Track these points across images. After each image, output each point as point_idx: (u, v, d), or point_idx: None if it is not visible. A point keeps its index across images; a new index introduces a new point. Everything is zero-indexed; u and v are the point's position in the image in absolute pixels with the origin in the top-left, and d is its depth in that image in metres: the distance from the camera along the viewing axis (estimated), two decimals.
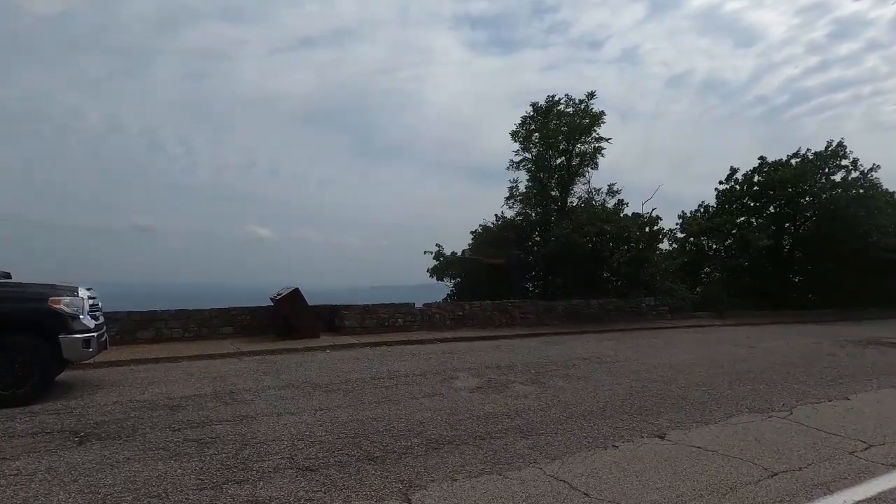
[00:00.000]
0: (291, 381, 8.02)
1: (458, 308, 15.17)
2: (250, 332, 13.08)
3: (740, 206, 25.63)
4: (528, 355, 10.74)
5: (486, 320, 15.53)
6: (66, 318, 6.88)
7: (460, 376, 8.44)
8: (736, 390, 7.41)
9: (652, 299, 19.18)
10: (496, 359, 10.25)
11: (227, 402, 6.76)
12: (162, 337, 12.07)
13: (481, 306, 15.53)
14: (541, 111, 19.06)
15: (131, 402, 6.79)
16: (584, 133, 18.85)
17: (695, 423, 5.72)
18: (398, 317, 14.15)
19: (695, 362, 9.85)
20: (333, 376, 8.44)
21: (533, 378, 8.28)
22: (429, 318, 14.62)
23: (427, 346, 12.26)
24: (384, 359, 10.28)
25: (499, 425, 5.63)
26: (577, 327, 16.01)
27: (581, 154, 19.39)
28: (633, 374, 8.59)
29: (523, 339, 13.72)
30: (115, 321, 11.66)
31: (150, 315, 12.08)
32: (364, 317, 13.66)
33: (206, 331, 12.58)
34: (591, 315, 17.58)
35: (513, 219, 20.40)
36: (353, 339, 12.48)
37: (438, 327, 14.69)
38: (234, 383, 7.89)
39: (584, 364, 9.63)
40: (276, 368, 9.19)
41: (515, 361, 9.92)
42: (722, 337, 14.48)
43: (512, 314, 15.98)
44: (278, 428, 5.55)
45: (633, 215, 18.01)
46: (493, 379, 8.22)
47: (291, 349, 11.18)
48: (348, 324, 13.43)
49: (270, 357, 10.46)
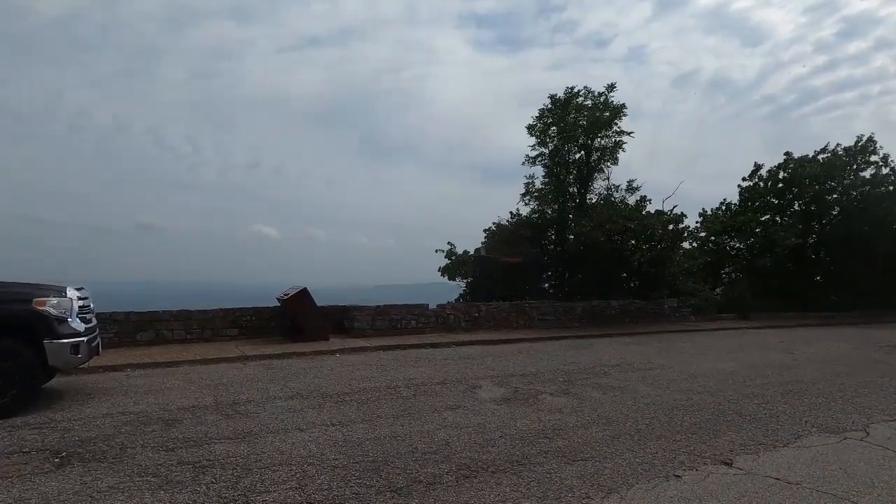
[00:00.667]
0: (300, 390, 7.37)
1: (474, 309, 14.49)
2: (256, 333, 12.47)
3: (763, 204, 24.77)
4: (553, 361, 10.05)
5: (503, 322, 14.84)
6: (53, 322, 6.27)
7: (483, 385, 7.76)
8: (793, 404, 6.68)
9: (675, 300, 18.43)
10: (519, 365, 9.56)
11: (229, 414, 6.12)
12: (163, 339, 11.48)
13: (498, 307, 14.85)
14: (559, 103, 18.32)
15: (123, 414, 6.16)
16: (604, 126, 18.10)
17: (761, 446, 5.01)
18: (411, 318, 13.49)
19: (736, 371, 9.11)
20: (345, 385, 7.79)
21: (563, 388, 7.59)
22: (443, 319, 13.95)
23: (443, 349, 11.58)
24: (398, 364, 9.62)
25: (536, 447, 4.95)
26: (599, 329, 15.28)
27: (601, 149, 18.65)
28: (674, 385, 7.88)
29: (544, 342, 13.02)
30: (114, 322, 11.09)
31: (151, 316, 11.49)
32: (375, 318, 13.01)
33: (209, 332, 11.97)
34: (612, 316, 16.86)
35: (529, 216, 19.68)
36: (364, 342, 11.84)
37: (453, 329, 14.02)
38: (238, 392, 7.26)
39: (616, 372, 8.92)
40: (282, 375, 8.55)
41: (540, 368, 9.22)
42: (753, 341, 13.70)
43: (530, 315, 15.28)
44: (285, 448, 4.90)
45: (655, 213, 17.26)
46: (520, 389, 7.53)
47: (299, 353, 10.55)
48: (358, 325, 12.79)
49: (277, 362, 9.83)
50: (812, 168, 22.64)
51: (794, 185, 23.52)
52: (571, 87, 18.28)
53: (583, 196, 18.99)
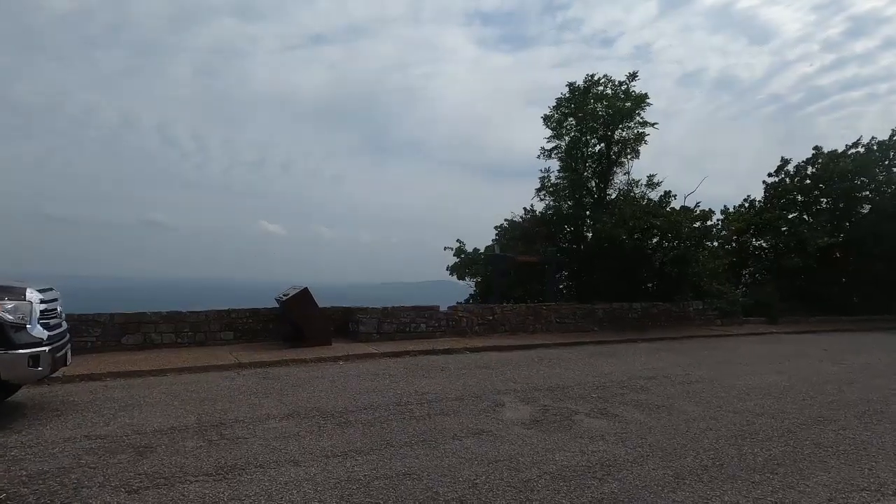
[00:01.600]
0: (297, 407, 6.47)
1: (488, 312, 13.55)
2: (253, 337, 11.59)
3: (788, 201, 23.68)
4: (580, 372, 9.11)
5: (519, 325, 13.90)
6: (7, 329, 5.39)
7: (507, 403, 6.84)
8: (876, 431, 5.73)
9: (700, 303, 17.43)
10: (543, 376, 8.63)
11: (213, 440, 5.23)
12: (150, 343, 10.62)
13: (513, 310, 13.91)
14: (578, 92, 17.31)
15: (89, 438, 5.27)
16: (625, 117, 17.11)
17: (865, 493, 4.06)
18: (420, 321, 12.57)
19: (791, 386, 8.14)
20: (349, 400, 6.88)
21: (600, 407, 6.65)
22: (455, 322, 13.02)
23: (456, 356, 10.67)
24: (408, 374, 8.71)
25: (587, 492, 4.02)
26: (621, 334, 14.32)
27: (621, 141, 17.64)
28: (724, 403, 6.92)
29: (565, 348, 12.08)
30: (96, 324, 10.24)
31: (137, 317, 10.62)
32: (382, 321, 12.09)
33: (201, 336, 11.10)
34: (634, 320, 15.89)
35: (544, 212, 18.71)
36: (370, 348, 10.93)
37: (466, 333, 13.09)
38: (226, 410, 6.36)
39: (653, 386, 7.97)
40: (279, 387, 7.65)
41: (568, 381, 8.29)
42: (793, 349, 12.71)
43: (547, 318, 14.33)
44: (275, 491, 4.00)
45: (681, 209, 16.28)
46: (550, 407, 6.60)
47: (299, 360, 9.66)
48: (364, 329, 11.88)
49: (274, 370, 8.94)
50: (843, 163, 21.54)
51: (822, 180, 22.43)
52: (591, 75, 17.30)
53: (602, 191, 18.00)
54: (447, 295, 66.67)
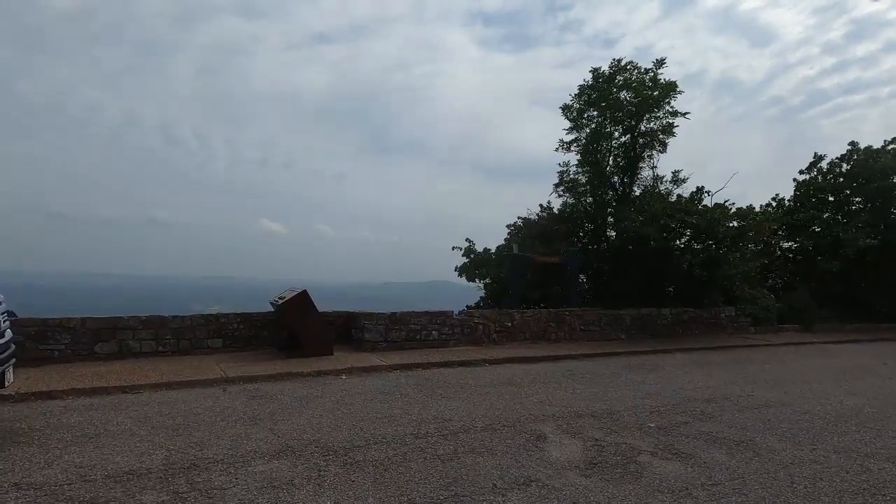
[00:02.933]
0: (291, 441, 5.28)
1: (506, 318, 12.35)
2: (244, 345, 10.40)
3: (820, 200, 22.41)
4: (622, 391, 7.91)
5: (540, 333, 12.70)
6: None
7: (549, 435, 5.64)
8: None
9: (732, 308, 16.23)
10: (582, 398, 7.43)
11: (179, 492, 4.04)
12: (128, 352, 9.44)
13: (534, 316, 12.70)
14: (602, 78, 16.06)
15: (18, 487, 4.10)
16: (653, 106, 15.89)
17: None
18: (432, 328, 11.37)
19: (879, 412, 6.94)
20: (356, 429, 5.69)
21: (665, 442, 5.45)
22: (470, 329, 11.82)
23: (474, 370, 9.47)
24: (423, 393, 7.52)
25: None
26: (653, 343, 13.11)
27: (647, 133, 16.41)
28: (817, 438, 5.72)
29: (595, 360, 10.87)
30: (65, 330, 9.07)
31: (112, 322, 9.44)
32: (390, 328, 10.89)
33: (185, 344, 9.91)
34: (663, 327, 14.69)
35: (563, 209, 17.48)
36: (377, 359, 9.73)
37: (482, 342, 11.90)
38: (204, 443, 5.17)
39: (717, 411, 6.77)
40: (270, 410, 6.46)
41: (613, 404, 7.09)
42: (848, 362, 11.50)
43: (571, 325, 13.13)
44: None
45: (715, 206, 15.07)
46: (604, 443, 5.40)
47: (295, 374, 8.47)
48: (369, 337, 10.68)
49: (266, 387, 7.75)
50: (884, 159, 20.29)
51: (859, 178, 21.16)
52: (618, 60, 16.05)
53: (627, 186, 16.77)
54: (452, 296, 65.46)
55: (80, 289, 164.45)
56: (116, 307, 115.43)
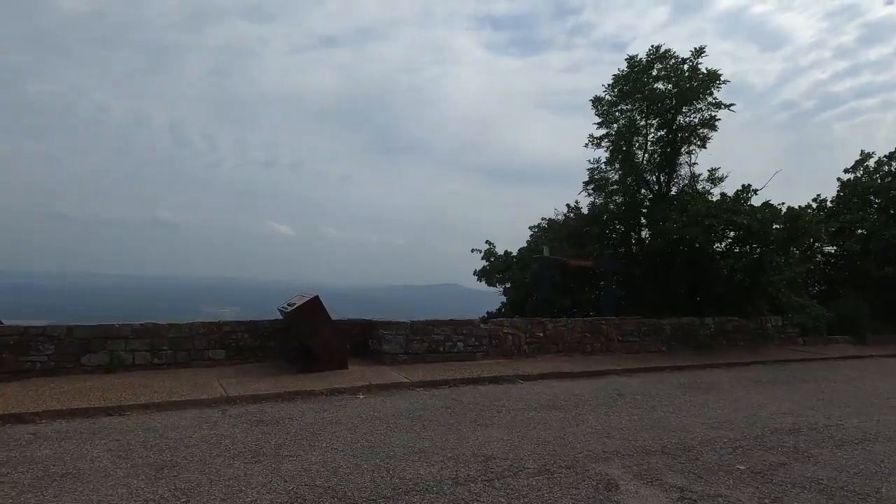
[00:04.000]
0: (300, 489, 4.26)
1: (538, 327, 11.26)
2: (249, 356, 9.43)
3: (865, 202, 21.08)
4: (687, 417, 6.82)
5: (575, 344, 11.60)
6: None
7: (619, 481, 4.57)
8: None
9: (779, 318, 15.04)
10: (644, 426, 6.34)
11: None
12: (119, 364, 8.49)
13: (567, 325, 11.61)
14: (638, 67, 14.94)
15: None
16: (694, 98, 14.75)
17: None
18: (457, 339, 10.33)
19: None
20: (380, 469, 4.67)
21: (771, 494, 4.36)
22: (498, 340, 10.76)
23: (509, 388, 8.41)
24: (456, 417, 6.48)
25: None
26: (698, 357, 11.96)
27: (686, 127, 15.26)
28: None
29: (641, 377, 9.77)
30: (48, 340, 8.15)
31: (103, 331, 8.50)
32: (411, 338, 9.86)
33: (184, 355, 8.95)
34: (706, 338, 13.54)
35: (594, 209, 16.33)
36: (398, 375, 8.71)
37: (512, 354, 10.83)
38: (191, 491, 4.18)
39: (813, 447, 5.66)
40: (276, 442, 5.46)
41: (683, 435, 6.00)
42: None
43: (608, 336, 12.02)
44: None
45: (763, 205, 13.89)
46: (693, 495, 4.33)
47: (306, 393, 7.47)
48: (388, 349, 9.66)
49: (272, 409, 6.75)
50: None
51: None
52: (657, 47, 14.88)
53: (665, 185, 15.61)
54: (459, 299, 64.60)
55: (86, 289, 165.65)
56: (122, 307, 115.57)
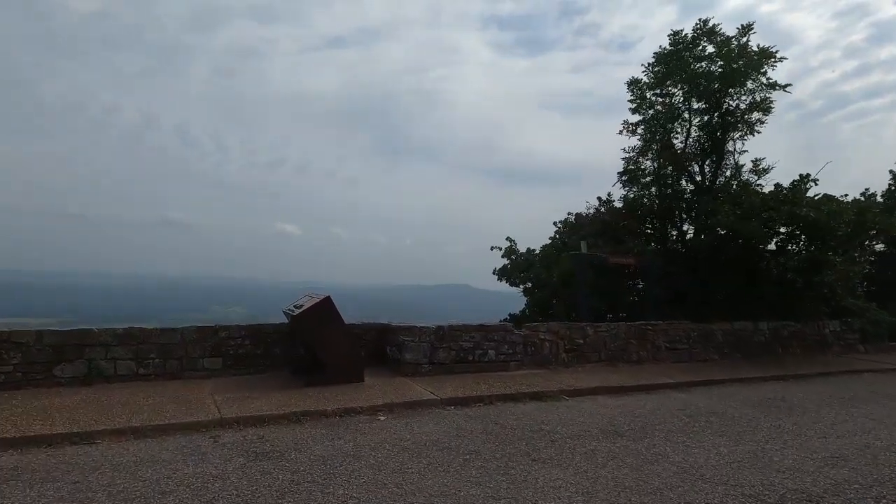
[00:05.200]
0: None
1: (578, 333, 10.04)
2: (250, 365, 8.30)
3: None
4: (790, 450, 5.57)
5: (618, 352, 10.37)
6: None
7: None
8: None
9: (836, 322, 13.71)
10: (739, 462, 5.11)
11: None
12: (98, 375, 7.39)
13: (610, 331, 10.37)
14: (683, 44, 13.57)
15: None
16: (743, 78, 13.40)
17: None
18: (488, 346, 9.13)
19: None
20: None
21: None
22: (534, 348, 9.55)
23: (555, 407, 7.20)
24: (501, 449, 5.28)
25: None
26: (756, 367, 10.68)
27: (734, 111, 13.91)
28: None
29: (701, 391, 8.52)
30: (15, 347, 7.04)
31: (80, 337, 7.39)
32: (435, 346, 8.67)
33: (174, 365, 7.83)
34: (760, 345, 12.26)
35: (633, 201, 15.02)
36: (423, 389, 7.52)
37: (549, 363, 9.63)
38: None
39: None
40: (281, 482, 4.30)
41: (798, 478, 4.76)
42: None
43: (654, 343, 10.78)
44: None
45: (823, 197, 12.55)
46: None
47: (316, 413, 6.31)
48: (410, 357, 8.48)
49: (275, 435, 5.59)
50: None
51: None
52: (704, 21, 13.52)
53: (711, 175, 14.24)
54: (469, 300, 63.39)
55: (91, 289, 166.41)
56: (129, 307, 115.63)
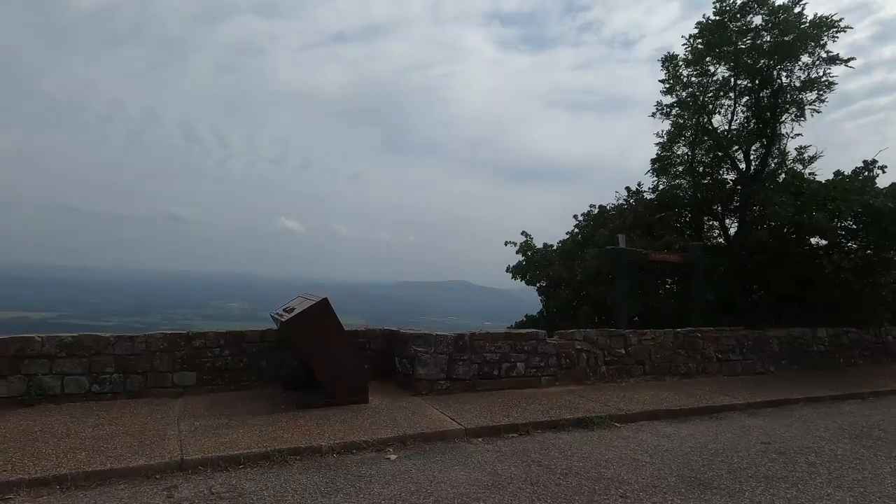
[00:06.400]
0: None
1: (618, 342, 8.66)
2: (231, 382, 6.96)
3: None
4: None
5: (664, 364, 9.01)
6: None
7: None
8: None
9: None
10: None
11: None
12: (41, 393, 6.05)
13: (656, 339, 8.99)
14: (730, 13, 12.05)
15: None
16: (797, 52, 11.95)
17: None
18: (516, 357, 7.75)
19: None
20: None
21: None
22: (569, 360, 8.18)
23: (607, 436, 5.84)
24: None
25: None
26: (827, 382, 9.30)
27: (787, 89, 12.49)
28: None
29: (774, 414, 7.16)
30: None
31: (15, 347, 6.05)
32: (454, 358, 7.31)
33: (137, 380, 6.49)
34: (819, 354, 10.89)
35: (667, 191, 13.62)
36: (442, 415, 6.16)
37: (587, 377, 8.27)
38: None
39: None
40: None
41: None
42: None
43: (705, 353, 9.41)
44: None
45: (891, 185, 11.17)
46: None
47: (307, 450, 4.95)
48: (424, 372, 7.12)
49: (252, 484, 4.24)
50: None
51: None
52: None
53: (755, 162, 12.82)
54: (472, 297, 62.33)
55: (93, 283, 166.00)
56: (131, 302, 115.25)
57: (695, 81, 13.60)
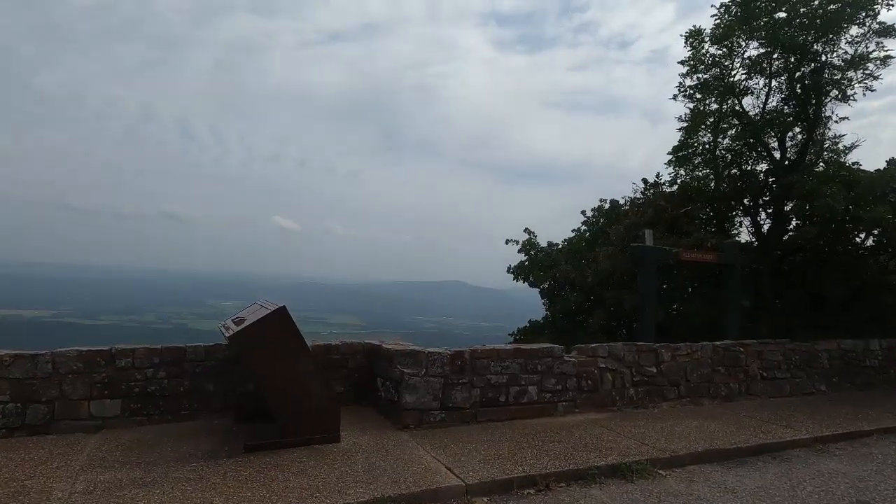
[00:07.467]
0: None
1: (648, 358, 7.28)
2: (168, 411, 5.54)
3: None
4: None
5: (702, 384, 7.63)
6: None
7: None
8: None
9: None
10: None
11: None
12: None
13: (693, 355, 7.61)
14: None
15: None
16: (841, 24, 10.61)
17: None
18: (527, 378, 6.36)
19: None
20: None
21: None
22: (591, 381, 6.80)
23: (649, 489, 4.47)
24: None
25: None
26: (891, 405, 7.95)
27: (829, 67, 11.11)
28: None
29: (852, 453, 5.81)
30: None
31: None
32: (451, 381, 5.91)
33: (41, 411, 5.08)
34: (873, 369, 9.53)
35: (689, 184, 12.27)
36: (436, 462, 4.76)
37: (612, 402, 6.90)
38: None
39: None
40: None
41: None
42: None
43: (748, 371, 8.03)
44: None
45: None
46: None
47: None
48: (412, 401, 5.71)
49: None
50: None
51: None
52: None
53: (793, 150, 11.46)
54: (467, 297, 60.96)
55: (88, 281, 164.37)
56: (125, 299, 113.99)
57: (721, 60, 12.21)
